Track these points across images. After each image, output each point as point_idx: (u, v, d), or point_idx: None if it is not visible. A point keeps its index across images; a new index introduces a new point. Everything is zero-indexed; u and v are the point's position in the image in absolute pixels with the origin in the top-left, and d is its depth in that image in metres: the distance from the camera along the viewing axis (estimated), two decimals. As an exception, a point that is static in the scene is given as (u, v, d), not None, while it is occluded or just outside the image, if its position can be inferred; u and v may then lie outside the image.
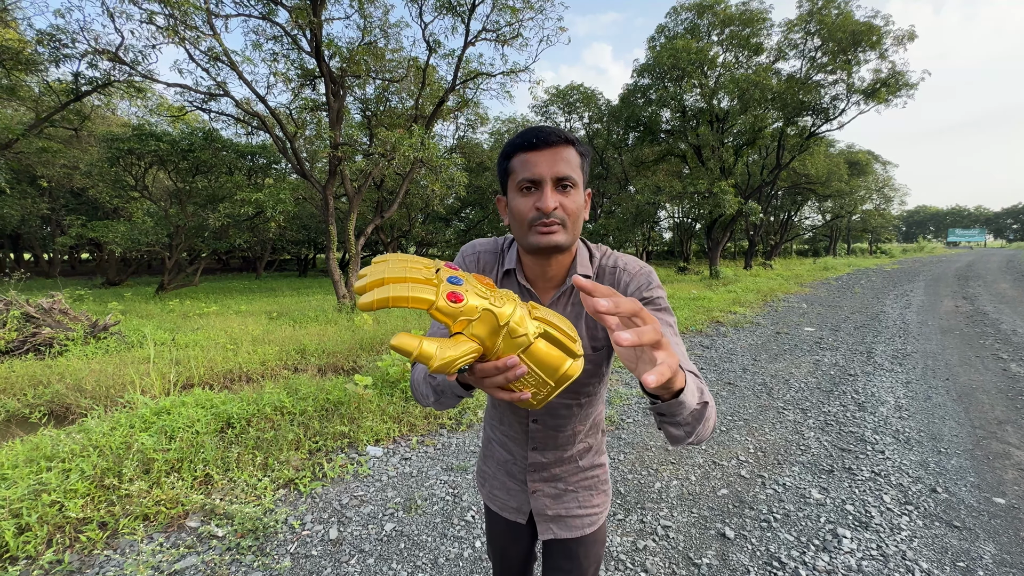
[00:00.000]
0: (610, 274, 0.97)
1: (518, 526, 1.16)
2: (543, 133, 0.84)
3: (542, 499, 1.10)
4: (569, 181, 0.85)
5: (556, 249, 0.87)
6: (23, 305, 6.47)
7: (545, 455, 1.09)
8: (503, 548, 1.22)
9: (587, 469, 1.12)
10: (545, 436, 1.07)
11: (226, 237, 14.19)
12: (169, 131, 14.44)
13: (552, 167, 0.84)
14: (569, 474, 1.10)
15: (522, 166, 0.85)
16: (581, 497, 1.10)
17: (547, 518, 1.10)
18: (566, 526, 1.09)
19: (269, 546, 2.31)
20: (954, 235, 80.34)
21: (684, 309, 9.18)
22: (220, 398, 3.74)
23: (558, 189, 0.85)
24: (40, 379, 4.91)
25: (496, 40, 11.00)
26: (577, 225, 0.89)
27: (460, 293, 0.55)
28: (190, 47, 8.63)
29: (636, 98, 18.64)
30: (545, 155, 0.84)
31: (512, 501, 1.15)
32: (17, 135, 10.05)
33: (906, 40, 15.24)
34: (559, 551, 1.12)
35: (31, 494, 2.43)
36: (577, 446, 1.09)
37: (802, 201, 32.00)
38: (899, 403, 4.30)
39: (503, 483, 1.16)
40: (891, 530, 2.44)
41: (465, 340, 0.55)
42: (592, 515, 1.11)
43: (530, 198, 0.86)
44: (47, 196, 18.29)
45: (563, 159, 0.84)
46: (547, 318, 0.60)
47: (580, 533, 1.09)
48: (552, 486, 1.10)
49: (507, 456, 1.15)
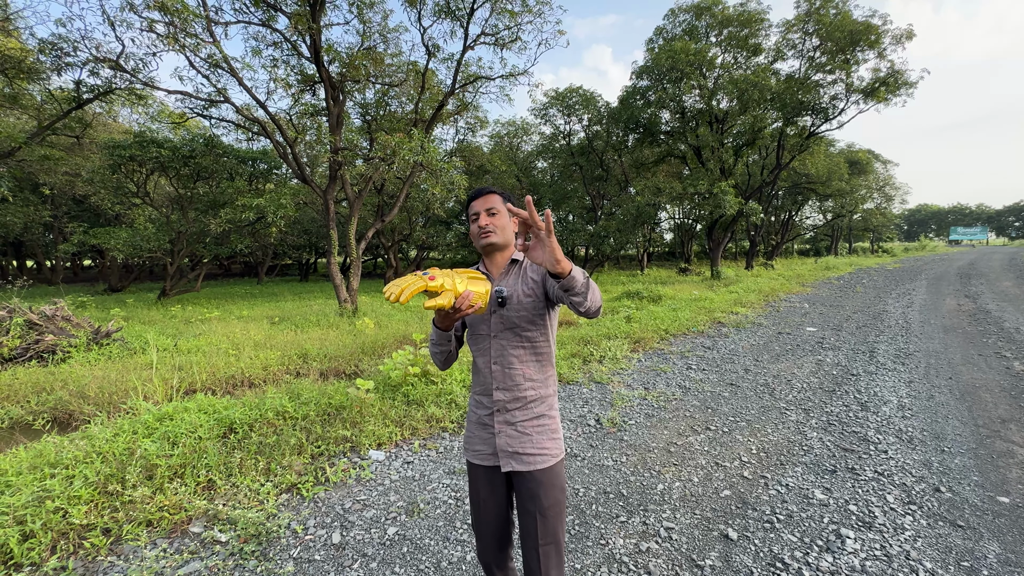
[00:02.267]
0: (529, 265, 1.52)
1: (494, 474, 1.48)
2: (481, 191, 1.50)
3: (504, 438, 1.44)
4: (494, 209, 1.47)
5: (492, 247, 1.48)
6: (26, 312, 6.49)
7: (504, 393, 1.45)
8: (483, 501, 1.49)
9: (538, 417, 1.46)
10: (503, 375, 1.45)
11: (228, 242, 14.23)
12: (171, 137, 14.51)
13: (485, 204, 1.47)
14: (525, 419, 1.45)
15: (471, 209, 1.50)
16: (534, 439, 1.44)
17: (507, 454, 1.44)
18: (521, 460, 1.42)
19: (272, 551, 2.31)
20: (956, 233, 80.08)
21: (685, 310, 9.17)
22: (222, 403, 3.75)
23: (488, 215, 1.46)
24: (43, 386, 4.93)
25: (495, 44, 11.04)
26: (504, 232, 1.47)
27: (433, 276, 1.21)
28: (190, 54, 8.67)
29: (635, 100, 18.66)
30: (481, 200, 1.48)
31: (486, 448, 1.48)
32: (20, 143, 10.11)
33: (904, 39, 15.25)
34: (525, 494, 1.42)
35: (35, 501, 2.43)
36: (527, 390, 1.45)
37: (803, 201, 31.97)
38: (902, 402, 4.29)
39: (479, 436, 1.50)
40: (895, 530, 2.43)
41: (442, 297, 1.21)
42: (543, 455, 1.43)
43: (476, 223, 1.48)
44: (49, 203, 18.36)
45: (490, 201, 1.47)
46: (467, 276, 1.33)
47: (532, 467, 1.41)
48: (512, 428, 1.44)
49: (479, 412, 1.51)
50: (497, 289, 1.43)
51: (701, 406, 4.33)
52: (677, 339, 7.21)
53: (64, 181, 15.12)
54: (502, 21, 10.68)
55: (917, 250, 48.99)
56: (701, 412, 4.17)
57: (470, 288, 1.26)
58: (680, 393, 4.69)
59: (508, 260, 1.52)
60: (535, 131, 24.68)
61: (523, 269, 1.49)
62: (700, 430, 3.77)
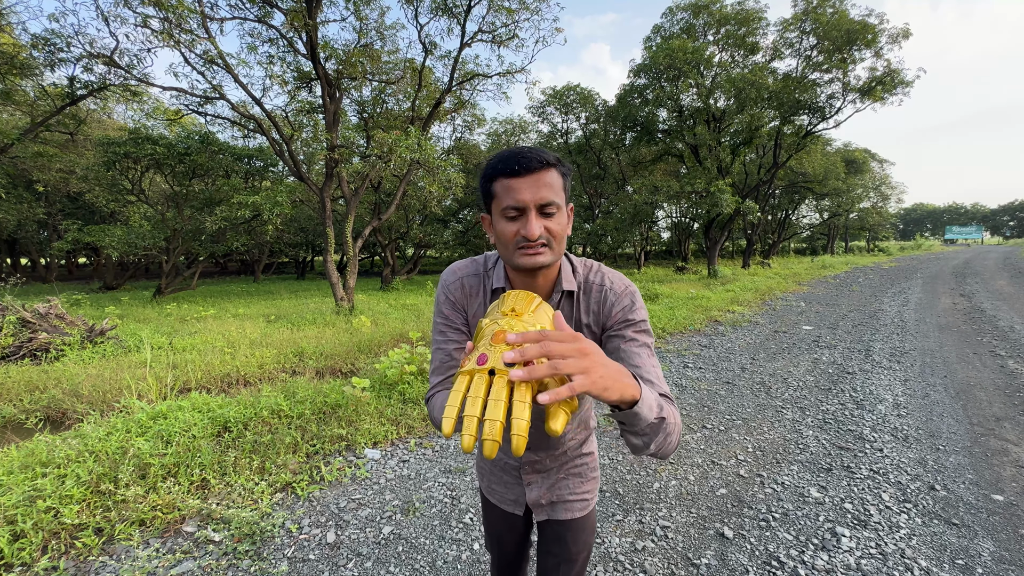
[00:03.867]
0: (597, 291, 1.00)
1: (514, 516, 1.24)
2: (525, 160, 0.84)
3: (536, 490, 1.19)
4: (552, 207, 0.86)
5: (541, 268, 0.89)
6: (19, 310, 6.44)
7: (538, 454, 1.17)
8: (500, 534, 1.30)
9: (576, 458, 1.20)
10: (537, 437, 1.14)
11: (223, 240, 14.16)
12: (165, 134, 14.41)
13: (535, 194, 0.84)
14: (559, 464, 1.19)
15: (505, 192, 0.85)
16: (572, 484, 1.18)
17: (541, 506, 1.19)
18: (558, 511, 1.18)
19: (266, 550, 2.30)
20: (951, 232, 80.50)
21: (682, 308, 9.18)
22: (217, 402, 3.72)
23: (541, 215, 0.86)
24: (36, 384, 4.89)
25: (492, 41, 11.02)
26: (561, 244, 0.91)
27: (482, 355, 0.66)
28: (185, 50, 8.61)
29: (633, 98, 18.66)
30: (527, 182, 0.84)
31: (509, 494, 1.23)
32: (12, 140, 10.02)
33: (901, 38, 15.30)
34: (551, 536, 1.19)
35: (26, 500, 2.41)
36: (567, 444, 1.18)
37: (800, 200, 32.06)
38: (897, 401, 4.30)
39: (500, 478, 1.24)
40: (890, 528, 2.43)
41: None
42: (582, 500, 1.18)
43: (515, 224, 0.86)
44: (43, 201, 18.23)
45: (545, 184, 0.84)
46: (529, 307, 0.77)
47: (571, 516, 1.17)
48: (544, 477, 1.19)
49: (502, 456, 1.22)
50: None
51: (697, 404, 4.33)
52: (674, 337, 7.21)
53: (58, 178, 15.00)
54: (499, 18, 10.66)
55: (913, 249, 49.20)
56: (697, 410, 4.17)
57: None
58: (676, 391, 4.69)
59: (551, 282, 0.99)
60: (532, 129, 24.63)
61: (576, 307, 1.01)
62: (696, 428, 3.77)
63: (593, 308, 0.99)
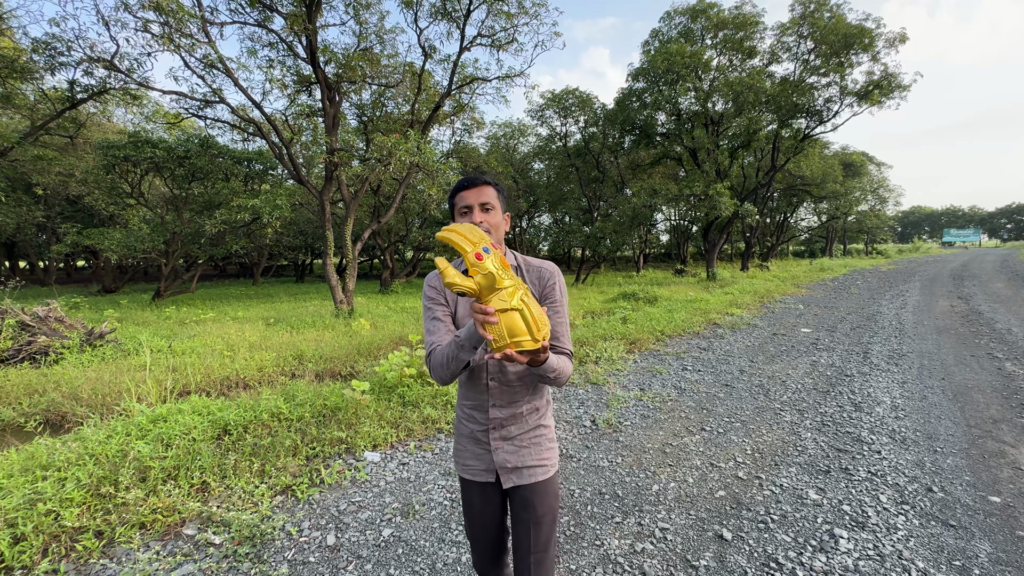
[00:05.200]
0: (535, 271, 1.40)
1: (488, 487, 1.42)
2: (472, 179, 1.34)
3: (503, 454, 1.39)
4: (489, 205, 1.34)
5: None
6: (18, 313, 6.44)
7: (502, 411, 1.38)
8: (479, 515, 1.46)
9: (535, 428, 1.42)
10: (500, 392, 1.37)
11: (223, 243, 14.16)
12: (165, 138, 14.42)
13: (478, 198, 1.33)
14: (521, 432, 1.40)
15: (460, 200, 1.35)
16: (533, 451, 1.40)
17: (508, 470, 1.38)
18: (523, 475, 1.38)
19: (266, 553, 2.30)
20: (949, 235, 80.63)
21: (681, 311, 9.20)
22: (217, 405, 3.73)
23: (482, 211, 1.33)
24: (36, 387, 4.89)
25: (491, 46, 11.06)
26: (499, 232, 1.36)
27: (483, 256, 0.98)
28: (185, 54, 8.64)
29: (631, 102, 18.72)
30: (473, 192, 1.33)
31: (480, 464, 1.42)
32: (12, 143, 10.03)
33: (898, 42, 15.40)
34: (519, 503, 1.38)
35: (27, 504, 2.41)
36: (525, 404, 1.39)
37: (798, 203, 32.14)
38: (895, 403, 4.32)
39: (472, 451, 1.43)
40: (887, 530, 2.45)
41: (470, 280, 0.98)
42: (542, 466, 1.40)
43: (466, 218, 1.34)
44: (43, 204, 18.22)
45: (485, 193, 1.33)
46: (531, 306, 1.02)
47: (534, 479, 1.37)
48: (509, 443, 1.39)
49: (472, 426, 1.43)
50: None
51: (696, 407, 4.34)
52: (673, 340, 7.23)
53: (57, 181, 15.01)
54: (498, 23, 10.71)
55: (911, 252, 49.32)
56: (696, 413, 4.19)
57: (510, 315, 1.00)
58: (676, 394, 4.70)
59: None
60: (531, 132, 24.67)
61: (520, 276, 1.37)
62: (695, 431, 3.79)
63: (534, 281, 1.39)
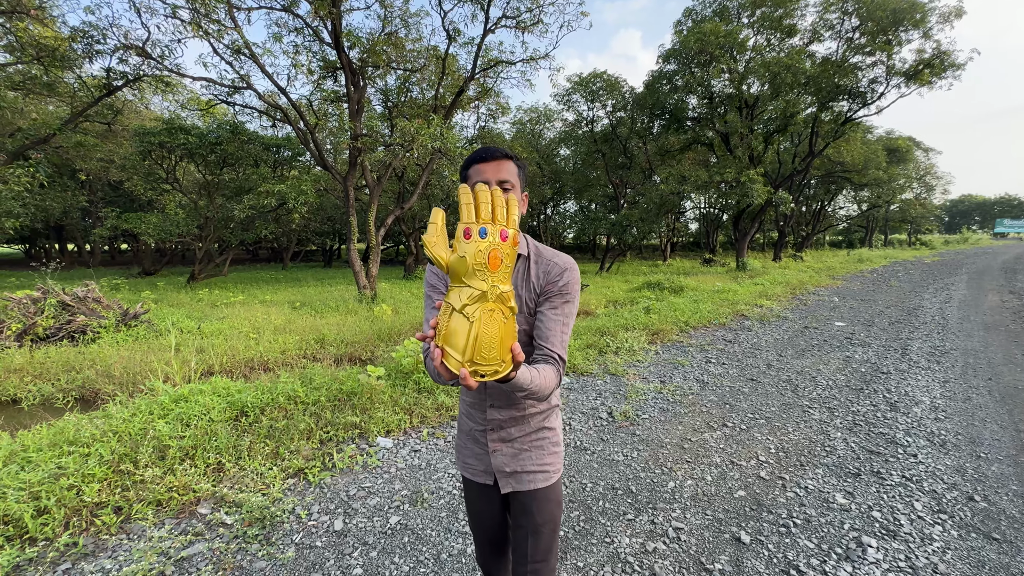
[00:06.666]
0: (545, 263, 1.21)
1: (488, 488, 1.33)
2: (490, 151, 1.16)
3: (501, 457, 1.28)
4: (508, 184, 1.14)
5: None
6: (59, 294, 6.74)
7: (501, 412, 1.27)
8: (479, 512, 1.39)
9: (538, 431, 1.29)
10: (499, 392, 1.24)
11: (252, 228, 14.51)
12: (199, 124, 14.79)
13: (496, 174, 1.14)
14: (522, 435, 1.28)
15: (476, 174, 1.15)
16: (534, 456, 1.28)
17: (506, 475, 1.28)
18: (522, 481, 1.27)
19: (275, 535, 2.32)
20: (1002, 225, 75.75)
21: (707, 302, 8.92)
22: (236, 387, 3.80)
23: (503, 188, 1.13)
24: (73, 365, 5.12)
25: (516, 27, 10.83)
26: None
27: (471, 235, 0.79)
28: (213, 40, 8.75)
29: (661, 85, 18.09)
30: (491, 165, 1.15)
31: (479, 465, 1.33)
32: (55, 130, 10.44)
33: (953, 17, 14.31)
34: (519, 509, 1.28)
35: (51, 478, 2.50)
36: (528, 407, 1.27)
37: (836, 190, 30.70)
38: (935, 403, 4.06)
39: (471, 450, 1.34)
40: (922, 540, 2.28)
41: (445, 253, 0.82)
42: (544, 472, 1.28)
43: None
44: (86, 189, 19.05)
45: (504, 168, 1.15)
46: (489, 328, 0.81)
47: (534, 486, 1.26)
48: (508, 446, 1.28)
49: (471, 424, 1.33)
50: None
51: (719, 401, 4.18)
52: (697, 332, 7.01)
53: (99, 167, 15.62)
54: (523, 3, 10.46)
55: (958, 243, 46.69)
56: (718, 408, 4.04)
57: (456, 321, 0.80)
58: (697, 387, 4.55)
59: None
60: (557, 118, 24.25)
61: (528, 268, 1.20)
62: (716, 427, 3.65)
63: (539, 275, 1.20)
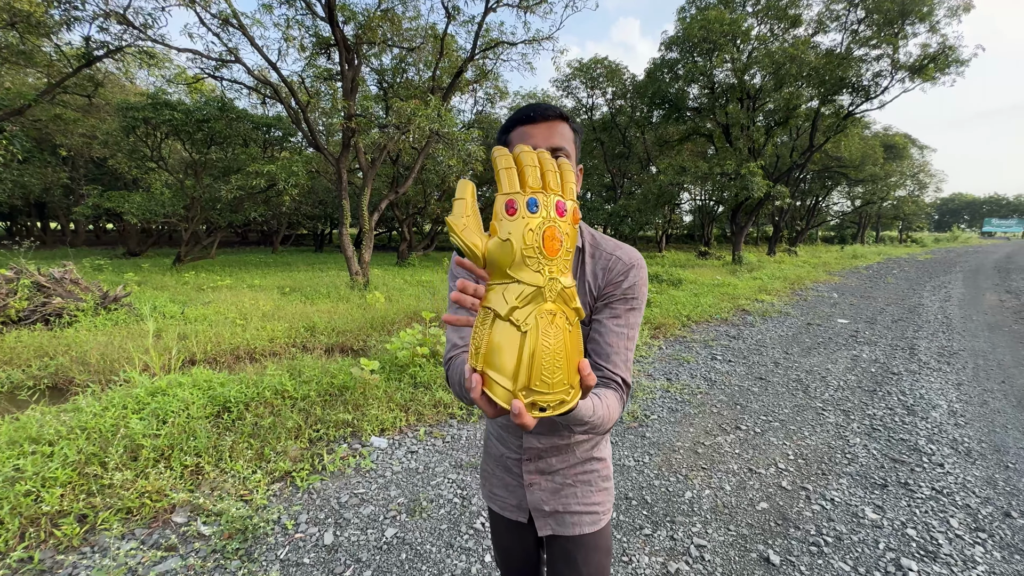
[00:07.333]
0: (605, 258, 0.95)
1: (520, 525, 1.11)
2: (540, 108, 0.89)
3: (538, 493, 1.05)
4: (563, 152, 0.88)
5: None
6: (33, 274, 6.38)
7: (540, 440, 1.02)
8: (508, 548, 1.17)
9: (585, 462, 1.05)
10: (543, 420, 0.99)
11: (241, 210, 14.06)
12: (185, 101, 14.20)
13: (548, 139, 0.88)
14: (566, 466, 1.04)
15: (520, 138, 0.89)
16: (580, 492, 1.04)
17: (544, 514, 1.05)
18: (564, 523, 1.04)
19: (258, 550, 2.09)
20: (989, 225, 76.66)
21: (707, 296, 8.76)
22: (219, 379, 3.53)
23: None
24: (47, 350, 4.81)
25: (519, 6, 10.43)
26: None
27: (517, 210, 0.54)
28: (200, 9, 8.29)
29: (663, 73, 17.75)
30: (541, 128, 0.88)
31: (511, 498, 1.10)
32: (30, 101, 9.92)
33: (961, 11, 14.11)
34: (559, 555, 1.05)
35: (6, 482, 2.24)
36: (575, 437, 1.02)
37: (832, 186, 30.63)
38: (952, 407, 3.92)
39: (501, 479, 1.11)
40: (963, 563, 2.12)
41: (477, 238, 0.57)
42: (592, 513, 1.04)
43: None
44: (68, 165, 18.35)
45: (558, 132, 0.89)
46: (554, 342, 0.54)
47: (580, 531, 1.03)
48: (548, 479, 1.05)
49: (502, 449, 1.10)
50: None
51: (729, 402, 4.01)
52: (699, 326, 6.84)
53: (81, 143, 15.02)
54: (527, -19, 10.04)
55: (948, 241, 47.15)
56: (729, 408, 3.86)
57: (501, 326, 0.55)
58: (705, 386, 4.37)
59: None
60: (556, 103, 23.86)
61: (581, 263, 0.95)
62: (729, 429, 3.46)
63: (598, 272, 0.95)
